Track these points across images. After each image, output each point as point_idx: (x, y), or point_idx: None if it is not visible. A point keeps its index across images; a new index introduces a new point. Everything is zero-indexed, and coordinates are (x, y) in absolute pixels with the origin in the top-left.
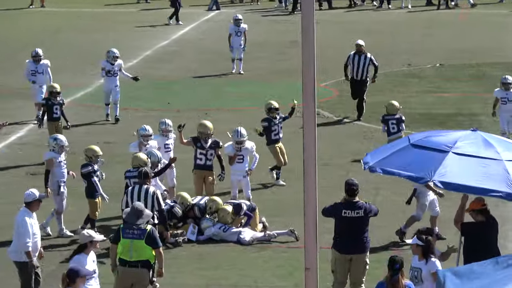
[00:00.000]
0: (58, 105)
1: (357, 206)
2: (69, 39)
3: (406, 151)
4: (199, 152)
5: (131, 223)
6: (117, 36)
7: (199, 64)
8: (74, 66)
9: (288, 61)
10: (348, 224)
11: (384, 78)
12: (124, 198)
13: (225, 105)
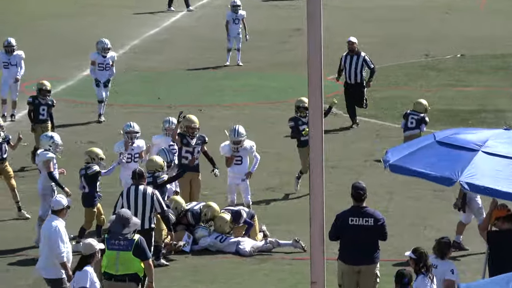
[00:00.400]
0: (46, 106)
1: (365, 213)
2: (47, 26)
3: (431, 148)
4: (185, 150)
5: (116, 233)
6: (101, 23)
7: (193, 55)
8: (53, 57)
9: (291, 52)
10: (356, 233)
11: (399, 70)
12: (120, 201)
13: (222, 101)
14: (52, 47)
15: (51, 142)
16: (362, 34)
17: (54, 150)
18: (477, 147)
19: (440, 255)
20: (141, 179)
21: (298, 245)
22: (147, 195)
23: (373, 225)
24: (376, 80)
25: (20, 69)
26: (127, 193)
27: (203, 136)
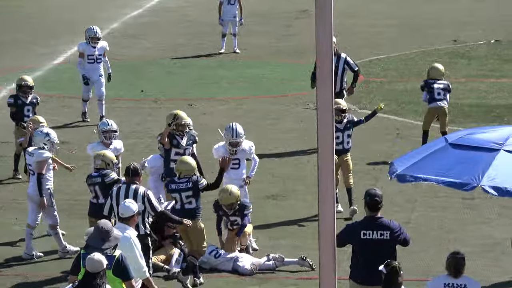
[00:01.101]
0: (31, 106)
1: (380, 225)
2: (7, 7)
3: (444, 152)
4: (175, 152)
5: (94, 248)
6: (73, 2)
7: (181, 41)
8: (18, 43)
9: (296, 37)
10: (369, 248)
11: (423, 57)
12: (108, 202)
13: (215, 94)
14: (16, 32)
15: (47, 139)
16: (379, 16)
17: (50, 148)
18: (497, 146)
19: (455, 273)
20: (134, 177)
21: (305, 263)
22: (138, 194)
23: (389, 238)
24: (396, 70)
25: None
26: (116, 193)
27: (194, 135)
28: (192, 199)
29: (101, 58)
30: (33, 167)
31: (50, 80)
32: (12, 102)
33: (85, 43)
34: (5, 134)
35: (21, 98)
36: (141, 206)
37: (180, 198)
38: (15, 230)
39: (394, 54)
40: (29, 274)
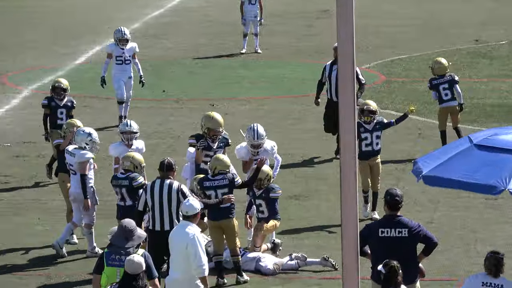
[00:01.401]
0: (65, 108)
1: (398, 223)
2: (31, 7)
3: (469, 154)
4: (204, 154)
5: (118, 247)
6: (96, 2)
7: (203, 41)
8: (40, 43)
9: (317, 37)
10: (387, 246)
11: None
12: (143, 197)
13: (237, 94)
14: (39, 32)
15: (89, 139)
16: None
17: (91, 148)
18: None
19: (495, 273)
20: (169, 172)
21: (327, 263)
22: (172, 189)
23: (407, 236)
24: (418, 70)
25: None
26: (151, 187)
27: (227, 138)
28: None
29: (130, 60)
30: (75, 167)
31: (71, 80)
32: (46, 104)
33: (114, 44)
34: (28, 134)
35: (55, 100)
36: (175, 199)
37: (215, 196)
38: (37, 230)
39: (415, 54)
40: (52, 274)
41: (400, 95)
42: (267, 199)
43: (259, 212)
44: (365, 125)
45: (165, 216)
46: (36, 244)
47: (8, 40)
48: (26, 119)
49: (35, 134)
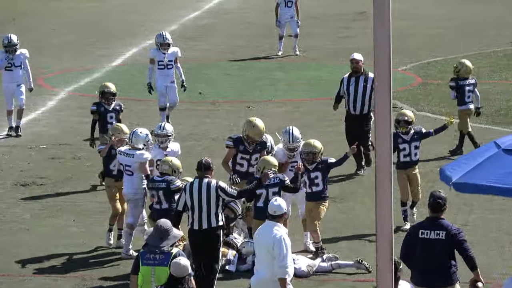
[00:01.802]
0: (113, 112)
1: (438, 226)
2: (70, 9)
3: (498, 159)
4: (240, 156)
5: (153, 246)
6: (133, 4)
7: (240, 43)
8: (78, 45)
9: (353, 39)
10: (425, 247)
11: (481, 60)
12: (182, 196)
13: (273, 96)
14: (77, 34)
15: (147, 140)
16: (436, 18)
17: (147, 149)
18: None
19: None
20: (207, 171)
21: (361, 265)
22: (211, 187)
23: (444, 239)
24: (453, 73)
25: (26, 72)
26: (190, 187)
27: (264, 142)
28: (277, 197)
29: (172, 64)
30: (132, 168)
31: (107, 81)
32: (95, 110)
33: (156, 49)
34: (64, 136)
35: (104, 105)
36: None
37: (266, 195)
38: (72, 232)
39: (451, 56)
40: (86, 276)
41: (436, 97)
42: (324, 168)
43: (313, 185)
44: (402, 136)
45: (203, 215)
46: (71, 245)
47: (45, 42)
48: (62, 121)
49: (70, 136)
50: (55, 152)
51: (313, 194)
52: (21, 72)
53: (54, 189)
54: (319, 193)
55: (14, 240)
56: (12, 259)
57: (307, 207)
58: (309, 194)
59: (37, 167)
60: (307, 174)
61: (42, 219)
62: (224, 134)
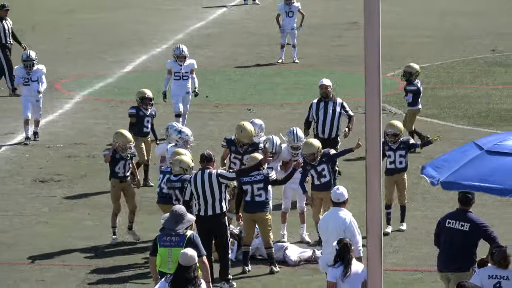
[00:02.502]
0: (150, 117)
1: (464, 217)
2: (82, 19)
3: (483, 160)
4: (234, 156)
5: (169, 229)
6: (142, 15)
7: (242, 50)
8: (91, 52)
9: (346, 47)
10: (450, 237)
11: (464, 67)
12: (188, 188)
13: (272, 99)
14: (90, 42)
15: (179, 137)
16: (423, 27)
17: (181, 145)
18: None
19: (506, 265)
20: (209, 163)
21: None
22: (212, 177)
23: (468, 230)
24: (438, 78)
25: (42, 84)
26: (194, 179)
27: (256, 143)
28: (262, 192)
29: (188, 75)
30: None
31: (120, 86)
32: (134, 113)
33: (173, 61)
34: (79, 136)
35: (142, 110)
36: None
37: (251, 190)
38: (87, 225)
39: (436, 63)
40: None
41: (422, 100)
42: (327, 160)
43: (321, 177)
44: (389, 144)
45: (208, 202)
46: (86, 237)
47: (62, 50)
48: (77, 123)
49: (85, 136)
50: (71, 151)
51: (323, 185)
52: (38, 87)
53: (71, 185)
54: (328, 183)
55: (33, 232)
56: (32, 249)
57: (317, 196)
58: (318, 186)
59: (54, 165)
60: (314, 168)
61: (59, 213)
62: (226, 135)
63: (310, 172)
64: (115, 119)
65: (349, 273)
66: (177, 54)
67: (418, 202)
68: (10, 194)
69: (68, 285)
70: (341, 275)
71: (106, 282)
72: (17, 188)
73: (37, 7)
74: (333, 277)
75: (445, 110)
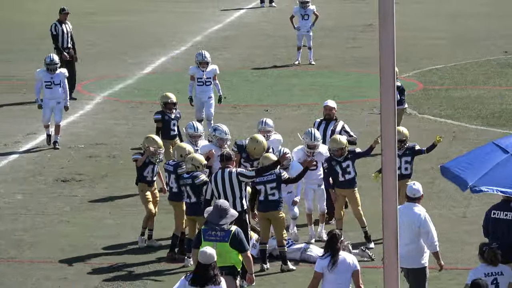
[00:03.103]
0: (176, 120)
1: (508, 208)
2: (103, 22)
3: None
4: (243, 160)
5: (213, 224)
6: (161, 18)
7: (259, 52)
8: (111, 54)
9: (361, 49)
10: (495, 226)
11: (477, 68)
12: (209, 186)
13: (289, 100)
14: (110, 44)
15: (213, 134)
16: (436, 29)
17: (215, 143)
18: None
19: (495, 262)
20: (228, 161)
21: (364, 253)
22: (232, 175)
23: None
24: (452, 79)
25: (64, 91)
26: (214, 177)
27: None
28: (275, 191)
29: (210, 81)
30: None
31: (139, 87)
32: (159, 119)
33: (195, 67)
34: (100, 137)
35: (167, 114)
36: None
37: (264, 190)
38: (108, 224)
39: (450, 64)
40: (121, 264)
41: (436, 101)
42: (353, 158)
43: (346, 173)
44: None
45: (229, 201)
46: (107, 236)
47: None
48: (98, 123)
49: (106, 137)
50: (92, 151)
51: (347, 181)
52: (60, 91)
53: (92, 184)
54: (352, 180)
55: (55, 231)
56: (54, 248)
57: (340, 194)
58: (342, 182)
59: (76, 164)
60: (339, 164)
61: (80, 212)
62: (244, 135)
63: (335, 168)
64: (135, 119)
65: (335, 264)
66: (199, 60)
67: (434, 201)
68: (32, 194)
69: (90, 283)
70: (328, 266)
71: (127, 279)
72: (39, 187)
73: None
74: (320, 267)
75: (459, 110)
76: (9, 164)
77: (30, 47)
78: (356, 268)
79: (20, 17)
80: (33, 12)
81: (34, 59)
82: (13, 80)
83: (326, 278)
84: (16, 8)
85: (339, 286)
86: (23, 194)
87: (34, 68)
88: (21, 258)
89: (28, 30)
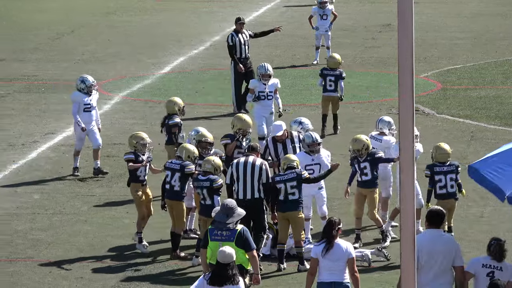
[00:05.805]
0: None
1: None
2: (122, 22)
3: None
4: (237, 151)
5: (220, 223)
6: (179, 18)
7: (277, 52)
8: (130, 54)
9: (380, 48)
10: None
11: (496, 68)
12: (229, 171)
13: (307, 100)
14: (129, 44)
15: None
16: (455, 29)
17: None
18: None
19: (499, 258)
20: (253, 151)
21: (380, 253)
22: (256, 165)
23: None
24: (471, 79)
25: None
26: (236, 162)
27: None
28: (295, 190)
29: (272, 95)
30: None
31: (157, 87)
32: (179, 123)
33: (257, 80)
34: (118, 137)
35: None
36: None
37: (285, 189)
38: (125, 223)
39: (469, 64)
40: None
41: (455, 101)
42: (371, 160)
43: (363, 174)
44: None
45: (248, 186)
46: (124, 235)
47: (101, 52)
48: (116, 123)
49: (124, 137)
50: (110, 151)
51: (363, 182)
52: (96, 114)
53: (109, 184)
54: (368, 182)
55: (73, 230)
56: (71, 247)
57: (359, 192)
58: (360, 182)
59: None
60: (358, 165)
61: (98, 211)
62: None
63: (355, 166)
64: (153, 119)
65: (330, 250)
66: (261, 73)
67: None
68: (50, 193)
69: (106, 282)
70: (322, 251)
71: (145, 280)
72: (57, 187)
73: (78, 9)
74: (315, 253)
75: (477, 110)
76: (27, 164)
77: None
78: (351, 256)
79: (35, 16)
80: (49, 10)
81: (50, 59)
82: (30, 80)
83: (322, 265)
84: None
85: (333, 273)
86: (40, 193)
87: (50, 68)
88: (38, 258)
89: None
